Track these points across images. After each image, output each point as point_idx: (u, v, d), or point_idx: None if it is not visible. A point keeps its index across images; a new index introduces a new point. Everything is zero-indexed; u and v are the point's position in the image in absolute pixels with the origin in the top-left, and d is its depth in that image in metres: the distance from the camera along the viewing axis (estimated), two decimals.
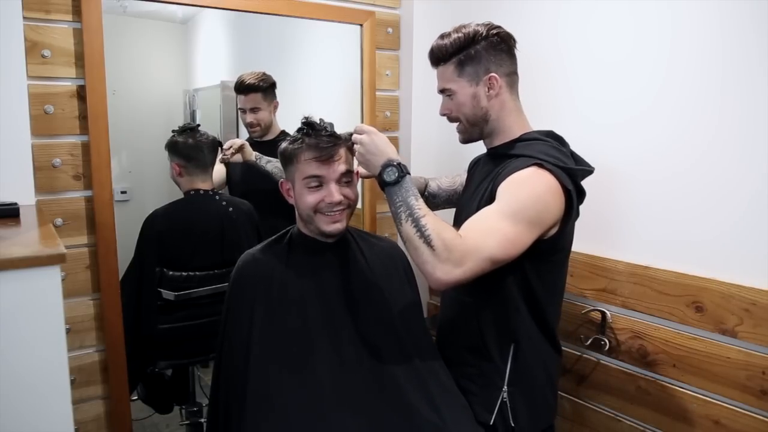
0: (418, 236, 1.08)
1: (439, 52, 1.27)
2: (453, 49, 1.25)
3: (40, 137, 1.43)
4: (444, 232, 1.08)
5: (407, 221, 1.11)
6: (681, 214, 1.36)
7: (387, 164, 1.15)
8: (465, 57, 1.24)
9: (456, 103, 1.28)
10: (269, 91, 1.98)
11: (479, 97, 1.26)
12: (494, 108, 1.26)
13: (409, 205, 1.12)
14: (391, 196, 1.15)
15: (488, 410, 1.24)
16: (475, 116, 1.27)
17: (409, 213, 1.11)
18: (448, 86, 1.27)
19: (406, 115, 2.05)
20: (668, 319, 1.40)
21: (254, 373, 1.16)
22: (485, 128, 1.29)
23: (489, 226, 1.10)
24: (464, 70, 1.25)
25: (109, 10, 1.48)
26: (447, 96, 1.30)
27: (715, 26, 1.27)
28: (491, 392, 1.25)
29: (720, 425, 1.31)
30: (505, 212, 1.10)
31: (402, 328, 1.26)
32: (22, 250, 0.89)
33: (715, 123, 1.29)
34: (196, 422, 1.97)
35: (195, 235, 1.81)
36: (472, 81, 1.25)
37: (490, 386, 1.25)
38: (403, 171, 1.14)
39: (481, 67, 1.24)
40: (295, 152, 1.21)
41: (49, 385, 0.92)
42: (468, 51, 1.24)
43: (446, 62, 1.26)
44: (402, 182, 1.13)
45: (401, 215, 1.12)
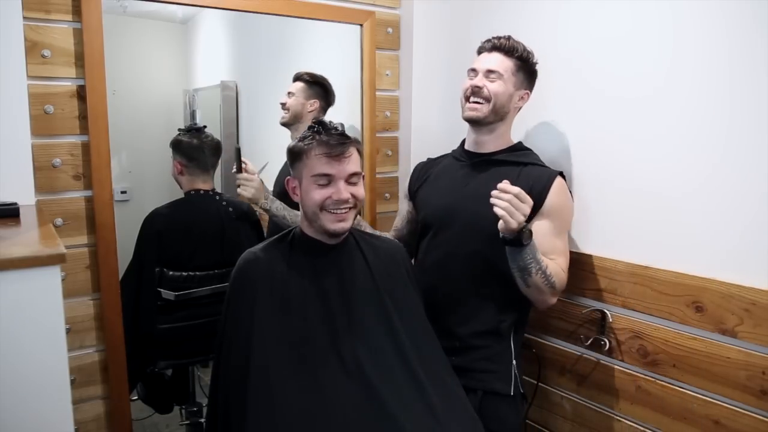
0: (546, 284, 1.34)
1: (510, 46, 1.43)
2: (521, 54, 1.44)
3: (40, 137, 1.43)
4: (559, 274, 1.37)
5: (537, 274, 1.32)
6: (681, 213, 1.36)
7: (524, 227, 1.27)
8: (524, 65, 1.45)
9: (497, 87, 1.43)
10: (312, 87, 1.97)
11: (513, 99, 1.46)
12: (509, 115, 1.48)
13: (537, 260, 1.32)
14: (523, 254, 1.30)
15: (507, 383, 1.43)
16: (502, 108, 1.45)
17: (538, 268, 1.32)
18: (502, 71, 1.43)
19: (406, 115, 2.05)
20: (668, 319, 1.40)
21: (254, 373, 1.15)
22: (496, 124, 1.46)
23: (562, 248, 1.42)
24: (518, 73, 1.45)
25: (109, 10, 1.48)
26: (491, 79, 1.43)
27: (719, 26, 1.27)
28: (507, 367, 1.45)
29: (720, 425, 1.31)
30: (562, 229, 1.43)
31: (404, 328, 1.25)
32: (22, 250, 0.89)
33: (715, 123, 1.29)
34: (196, 422, 1.97)
35: (195, 235, 1.81)
36: (516, 85, 1.45)
37: (506, 362, 1.45)
38: (530, 231, 1.29)
39: (525, 82, 1.47)
40: (304, 149, 1.21)
41: (49, 385, 0.91)
42: (528, 64, 1.45)
43: (509, 56, 1.43)
44: (532, 242, 1.30)
45: (530, 270, 1.32)
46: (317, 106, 1.97)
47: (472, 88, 1.44)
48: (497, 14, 1.77)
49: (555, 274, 1.34)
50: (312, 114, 1.97)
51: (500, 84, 1.42)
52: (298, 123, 1.96)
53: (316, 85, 1.97)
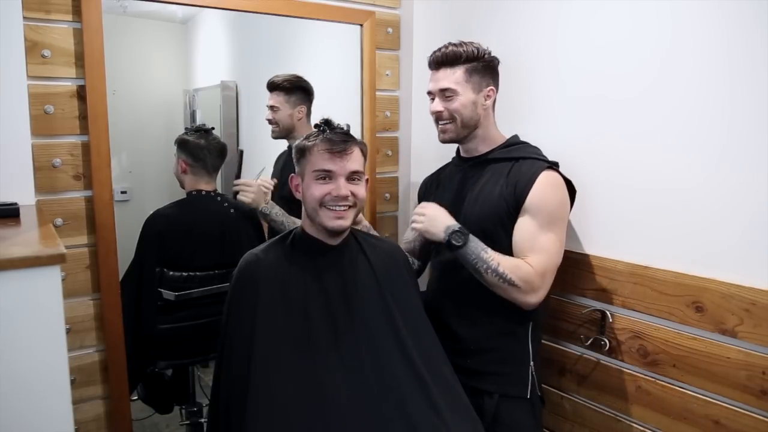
0: (501, 281, 1.30)
1: (453, 55, 1.39)
2: (466, 57, 1.38)
3: (40, 137, 1.43)
4: (518, 270, 1.31)
5: (487, 273, 1.31)
6: (681, 214, 1.36)
7: (450, 231, 1.32)
8: (474, 67, 1.39)
9: (457, 104, 1.40)
10: (294, 94, 1.92)
11: (477, 104, 1.41)
12: (483, 118, 1.44)
13: (482, 259, 1.31)
14: (465, 257, 1.32)
15: (524, 385, 1.40)
16: (470, 120, 1.42)
17: (486, 266, 1.30)
18: (454, 87, 1.39)
19: (406, 115, 2.05)
20: (668, 319, 1.40)
21: (255, 374, 1.15)
22: (471, 133, 1.44)
23: (543, 244, 1.33)
24: (471, 78, 1.40)
25: (109, 10, 1.48)
26: (447, 97, 1.41)
27: (719, 26, 1.27)
28: (523, 369, 1.41)
29: (720, 425, 1.31)
30: (548, 225, 1.34)
31: (406, 327, 1.26)
32: (22, 250, 0.89)
33: (715, 123, 1.29)
34: (196, 422, 1.97)
35: (195, 236, 1.81)
36: (475, 89, 1.40)
37: (523, 364, 1.41)
38: (466, 233, 1.32)
39: (484, 80, 1.41)
40: (308, 146, 1.23)
41: (49, 385, 0.91)
42: (478, 63, 1.39)
43: (455, 66, 1.39)
44: (468, 242, 1.32)
45: (480, 270, 1.31)
46: (305, 111, 1.94)
47: (434, 114, 1.44)
48: (497, 14, 1.77)
49: (512, 271, 1.29)
50: (302, 120, 1.93)
51: (457, 100, 1.39)
52: (293, 133, 1.93)
53: (297, 90, 1.92)
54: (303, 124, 1.94)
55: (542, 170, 1.35)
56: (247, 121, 2.15)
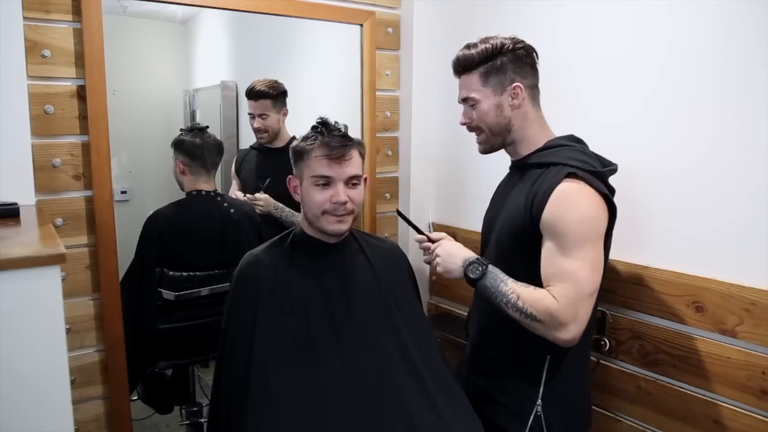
0: (524, 317, 1.15)
1: (465, 61, 1.28)
2: (479, 59, 1.25)
3: (40, 137, 1.43)
4: (540, 303, 1.13)
5: (507, 307, 1.17)
6: (681, 214, 1.36)
7: (467, 264, 1.22)
8: (491, 67, 1.25)
9: (479, 113, 1.28)
10: (279, 99, 1.98)
11: (503, 106, 1.26)
12: (517, 118, 1.27)
13: (502, 293, 1.18)
14: (485, 291, 1.21)
15: (521, 423, 1.25)
16: (498, 125, 1.28)
17: (506, 301, 1.17)
18: (472, 95, 1.27)
19: (406, 115, 2.05)
20: (668, 319, 1.40)
21: (256, 374, 1.15)
22: (507, 138, 1.29)
23: (567, 270, 1.13)
24: (489, 80, 1.26)
25: (109, 10, 1.48)
26: (469, 106, 1.29)
27: (715, 25, 1.27)
28: (524, 405, 1.26)
29: (720, 425, 1.31)
30: (570, 247, 1.14)
31: (404, 328, 1.26)
32: (22, 250, 0.89)
33: (715, 123, 1.29)
34: (196, 422, 1.97)
35: (196, 236, 1.81)
36: (497, 91, 1.26)
37: (524, 399, 1.26)
38: (484, 264, 1.21)
39: (506, 78, 1.25)
40: (306, 149, 1.21)
41: (49, 385, 0.91)
42: (494, 61, 1.25)
43: (471, 71, 1.27)
44: (487, 275, 1.20)
45: (500, 305, 1.18)
46: (287, 111, 2.01)
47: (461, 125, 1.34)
48: (497, 14, 1.77)
49: (532, 305, 1.13)
50: (284, 122, 2.02)
51: (479, 108, 1.27)
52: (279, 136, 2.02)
53: (280, 94, 1.98)
54: (285, 127, 2.02)
55: (560, 182, 1.16)
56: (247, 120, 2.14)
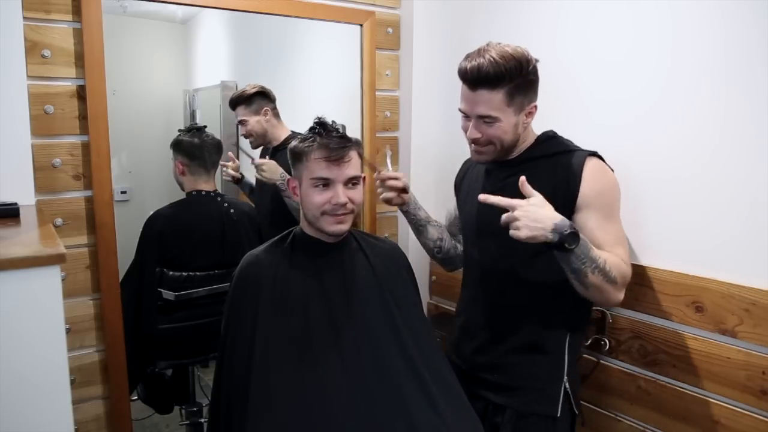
0: (606, 280, 1.16)
1: (495, 75, 1.17)
2: (510, 75, 1.17)
3: (40, 137, 1.43)
4: (620, 266, 1.19)
5: (594, 273, 1.15)
6: (681, 214, 1.36)
7: (561, 230, 1.10)
8: (516, 86, 1.18)
9: (497, 131, 1.23)
10: (253, 101, 1.96)
11: (519, 125, 1.25)
12: (523, 133, 1.29)
13: (591, 258, 1.15)
14: (575, 257, 1.13)
15: (553, 402, 1.29)
16: (512, 143, 1.27)
17: (595, 266, 1.15)
18: (494, 114, 1.20)
19: (406, 115, 2.05)
20: (668, 319, 1.40)
21: (256, 373, 1.16)
22: (512, 148, 1.30)
23: (617, 235, 1.24)
24: (514, 100, 1.20)
25: (109, 10, 1.48)
26: (486, 122, 1.22)
27: (718, 26, 1.27)
28: (553, 384, 1.30)
29: (720, 425, 1.31)
30: (611, 214, 1.24)
31: (404, 328, 1.26)
32: (22, 250, 0.89)
33: (716, 124, 1.29)
34: (196, 422, 1.97)
35: (196, 236, 1.82)
36: (517, 110, 1.22)
37: (552, 379, 1.30)
38: (577, 231, 1.12)
39: (527, 98, 1.22)
40: (305, 151, 1.21)
41: (49, 385, 0.91)
42: (523, 78, 1.19)
43: (496, 88, 1.18)
44: (581, 242, 1.13)
45: (587, 270, 1.15)
46: (270, 112, 1.98)
47: (469, 138, 1.28)
48: (497, 14, 1.77)
49: (615, 267, 1.16)
50: (270, 120, 1.99)
51: (498, 127, 1.22)
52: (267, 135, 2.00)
53: (254, 96, 1.97)
54: (273, 124, 1.99)
55: (585, 160, 1.23)
56: None
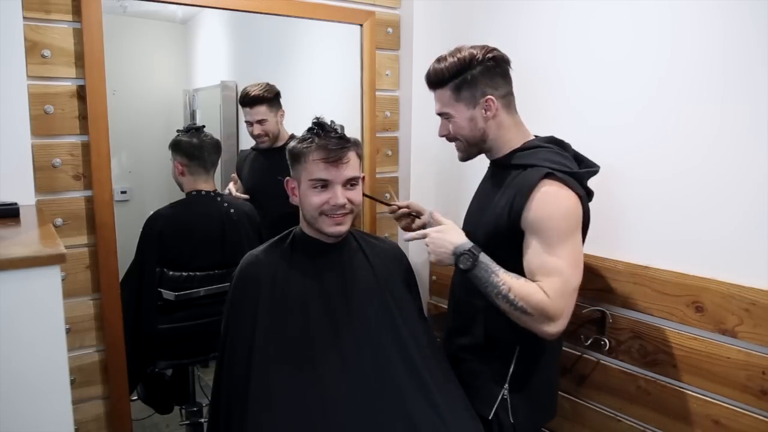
0: (513, 309, 1.17)
1: (435, 76, 1.30)
2: (449, 74, 1.27)
3: (40, 137, 1.43)
4: (531, 297, 1.15)
5: (497, 298, 1.18)
6: (681, 214, 1.36)
7: (458, 253, 1.20)
8: (461, 82, 1.27)
9: (455, 126, 1.31)
10: (274, 101, 1.99)
11: (476, 119, 1.29)
12: (491, 128, 1.30)
13: (492, 284, 1.18)
14: (475, 280, 1.20)
15: (488, 405, 1.30)
16: (474, 137, 1.31)
17: (497, 291, 1.17)
18: (446, 110, 1.31)
19: (406, 115, 2.05)
20: (668, 319, 1.40)
21: (256, 374, 1.16)
22: (483, 146, 1.34)
23: (554, 265, 1.17)
24: (461, 95, 1.28)
25: (109, 10, 1.48)
26: (445, 119, 1.32)
27: (716, 26, 1.27)
28: (492, 389, 1.31)
29: (720, 425, 1.31)
30: (553, 245, 1.17)
31: (404, 328, 1.26)
32: (22, 250, 0.89)
33: (715, 123, 1.29)
34: (196, 422, 1.97)
35: (196, 236, 1.81)
36: (469, 104, 1.28)
37: (491, 383, 1.32)
38: (475, 254, 1.19)
39: (478, 91, 1.27)
40: (303, 151, 1.21)
41: (49, 385, 0.91)
42: (464, 76, 1.26)
43: (443, 86, 1.29)
44: (478, 265, 1.19)
45: (490, 295, 1.19)
46: (283, 112, 2.02)
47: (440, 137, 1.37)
48: (497, 14, 1.77)
49: (523, 298, 1.15)
50: (281, 122, 2.02)
51: (454, 121, 1.30)
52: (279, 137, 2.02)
53: (275, 96, 1.99)
54: (282, 126, 2.02)
55: (538, 182, 1.19)
56: None
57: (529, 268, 1.19)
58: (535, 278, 1.18)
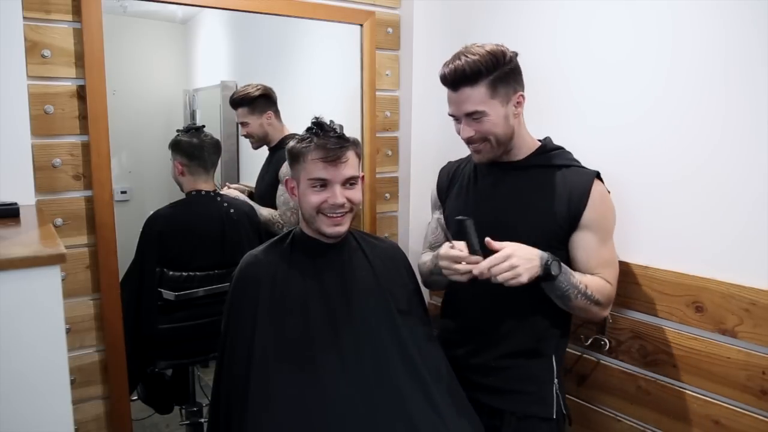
0: (589, 303, 1.25)
1: (471, 71, 1.20)
2: (486, 69, 1.20)
3: (40, 137, 1.43)
4: (603, 289, 1.27)
5: (577, 297, 1.24)
6: (681, 214, 1.36)
7: (545, 262, 1.19)
8: (498, 76, 1.22)
9: (488, 125, 1.25)
10: (256, 104, 1.98)
11: (509, 116, 1.26)
12: (516, 126, 1.30)
13: (574, 285, 1.23)
14: (559, 284, 1.22)
15: (549, 404, 1.33)
16: (506, 136, 1.28)
17: (578, 291, 1.23)
18: (481, 108, 1.23)
19: (406, 115, 2.05)
20: (668, 319, 1.40)
21: (256, 374, 1.16)
22: (508, 146, 1.31)
23: (608, 257, 1.31)
24: (498, 91, 1.23)
25: (109, 10, 1.48)
26: (475, 119, 1.25)
27: (717, 27, 1.27)
28: (546, 387, 1.34)
29: (720, 425, 1.31)
30: (607, 239, 1.31)
31: (404, 327, 1.26)
32: (22, 250, 0.89)
33: (717, 124, 1.29)
34: (196, 422, 1.97)
35: (196, 236, 1.81)
36: (503, 101, 1.24)
37: (545, 382, 1.34)
38: (558, 260, 1.21)
39: (511, 87, 1.25)
40: (302, 151, 1.21)
41: (49, 385, 0.91)
42: (502, 70, 1.22)
43: (476, 83, 1.21)
44: (563, 269, 1.22)
45: (570, 295, 1.23)
46: (273, 116, 2.00)
47: (464, 139, 1.30)
48: (497, 14, 1.77)
49: (598, 291, 1.25)
50: (273, 124, 2.01)
51: (487, 120, 1.24)
52: (268, 137, 2.02)
53: (258, 99, 1.98)
54: (275, 128, 2.02)
55: (592, 183, 1.27)
56: None
57: (588, 262, 1.28)
58: (595, 271, 1.28)
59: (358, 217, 2.03)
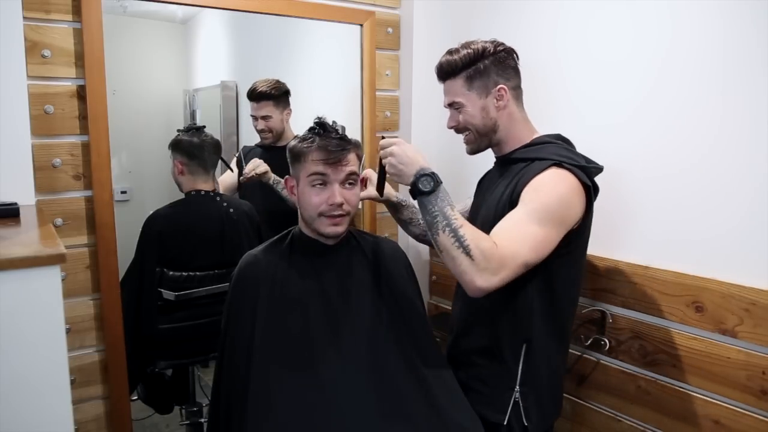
0: (456, 246, 1.10)
1: (448, 66, 1.30)
2: (462, 64, 1.28)
3: (40, 137, 1.43)
4: (481, 241, 1.10)
5: (444, 231, 1.11)
6: (681, 214, 1.36)
7: (420, 173, 1.15)
8: (474, 71, 1.28)
9: (465, 116, 1.31)
10: (281, 99, 1.99)
11: (488, 108, 1.29)
12: (502, 119, 1.31)
13: (445, 215, 1.12)
14: (426, 206, 1.15)
15: (501, 411, 1.27)
16: (485, 127, 1.31)
17: (447, 223, 1.11)
18: (458, 99, 1.30)
19: (406, 115, 2.05)
20: (668, 319, 1.40)
21: (256, 374, 1.16)
22: (493, 138, 1.33)
23: (520, 232, 1.12)
24: (473, 84, 1.28)
25: (109, 10, 1.48)
26: (455, 109, 1.32)
27: (716, 25, 1.27)
28: (503, 393, 1.28)
29: (720, 425, 1.31)
30: (532, 216, 1.13)
31: (404, 328, 1.26)
32: (22, 250, 0.89)
33: (715, 123, 1.29)
34: (196, 422, 1.97)
35: (195, 236, 1.81)
36: (482, 94, 1.29)
37: (502, 387, 1.28)
38: (437, 180, 1.15)
39: (490, 81, 1.28)
40: (303, 151, 1.21)
41: (49, 385, 0.91)
42: (477, 65, 1.28)
43: (455, 76, 1.29)
44: (437, 191, 1.14)
45: (438, 225, 1.12)
46: (290, 111, 2.01)
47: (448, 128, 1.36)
48: (497, 14, 1.77)
49: (473, 240, 1.09)
50: (288, 121, 2.01)
51: (465, 111, 1.30)
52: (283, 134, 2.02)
53: (283, 94, 1.98)
54: (288, 125, 2.02)
55: (548, 167, 1.18)
56: (247, 120, 2.14)
57: (495, 228, 1.15)
58: (494, 235, 1.13)
59: (358, 216, 2.03)
